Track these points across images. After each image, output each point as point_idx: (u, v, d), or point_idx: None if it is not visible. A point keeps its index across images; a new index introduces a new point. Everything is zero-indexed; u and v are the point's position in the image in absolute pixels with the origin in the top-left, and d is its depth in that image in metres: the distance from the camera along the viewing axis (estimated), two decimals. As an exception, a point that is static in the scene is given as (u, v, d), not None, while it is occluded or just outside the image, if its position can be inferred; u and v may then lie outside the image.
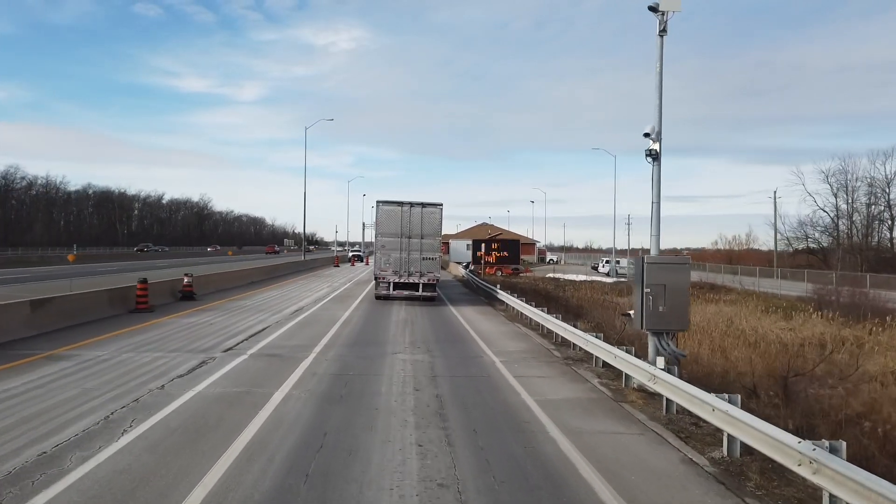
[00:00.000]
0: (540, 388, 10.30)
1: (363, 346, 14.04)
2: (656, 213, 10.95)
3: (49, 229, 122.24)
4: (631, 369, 9.95)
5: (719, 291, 43.21)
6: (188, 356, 12.20)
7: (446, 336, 16.14)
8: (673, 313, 10.39)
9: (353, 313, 20.59)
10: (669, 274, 10.44)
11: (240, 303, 23.13)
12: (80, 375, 10.32)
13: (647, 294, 10.33)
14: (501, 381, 10.77)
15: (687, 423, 8.46)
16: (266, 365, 11.59)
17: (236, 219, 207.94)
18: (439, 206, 24.30)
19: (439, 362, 12.30)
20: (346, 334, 15.80)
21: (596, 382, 10.90)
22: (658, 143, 10.79)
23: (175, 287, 23.57)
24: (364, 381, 10.37)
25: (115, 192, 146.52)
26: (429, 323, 18.70)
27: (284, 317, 19.05)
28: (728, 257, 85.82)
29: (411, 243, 24.06)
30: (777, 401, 10.81)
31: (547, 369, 11.99)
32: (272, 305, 22.49)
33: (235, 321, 17.73)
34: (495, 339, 15.71)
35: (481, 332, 17.08)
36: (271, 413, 8.31)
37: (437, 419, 8.23)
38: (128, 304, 19.31)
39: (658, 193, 10.95)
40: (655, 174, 10.93)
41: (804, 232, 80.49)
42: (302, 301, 24.44)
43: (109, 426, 7.56)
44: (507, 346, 14.67)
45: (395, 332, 16.56)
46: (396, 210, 24.05)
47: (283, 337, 15.06)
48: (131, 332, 15.25)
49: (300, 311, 20.92)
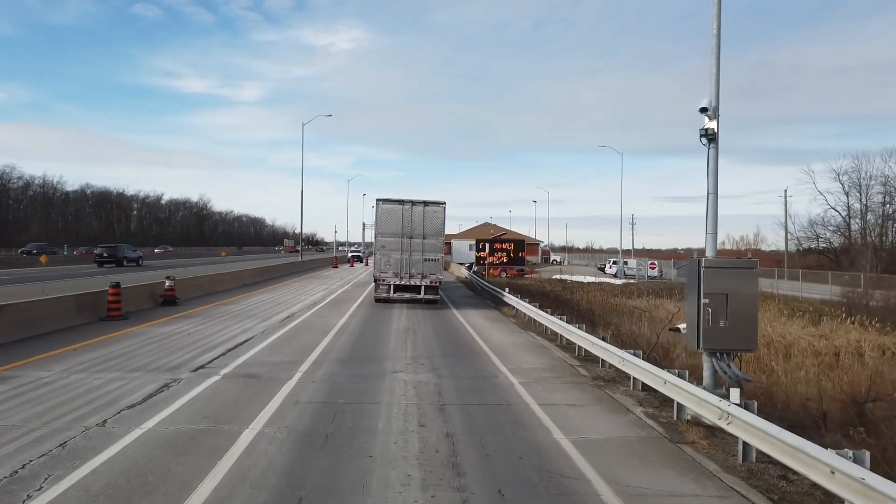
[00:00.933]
0: (574, 421, 8.35)
1: (358, 363, 12.09)
2: (712, 205, 9.00)
3: (45, 229, 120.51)
4: (690, 401, 7.99)
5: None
6: (150, 377, 10.27)
7: (453, 348, 14.21)
8: (737, 329, 8.45)
9: (350, 320, 18.65)
10: (732, 280, 8.50)
11: (226, 308, 21.19)
12: (7, 406, 8.39)
13: (706, 306, 8.39)
14: (525, 411, 8.83)
15: (773, 475, 6.53)
16: (240, 389, 9.65)
17: (236, 219, 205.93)
18: (442, 205, 22.99)
19: (447, 384, 10.35)
20: (340, 347, 13.86)
21: (639, 412, 8.96)
22: (716, 120, 8.85)
23: (156, 291, 21.66)
24: (357, 413, 8.43)
25: (113, 193, 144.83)
26: (433, 332, 16.76)
27: (273, 325, 17.12)
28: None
29: (413, 244, 22.76)
30: (858, 433, 8.88)
31: (576, 393, 10.04)
32: (261, 311, 20.56)
33: (217, 330, 15.80)
34: (509, 353, 13.77)
35: (492, 343, 15.14)
36: (234, 464, 6.37)
37: (449, 473, 6.28)
38: (99, 311, 17.39)
39: (715, 183, 9.00)
40: (712, 159, 8.98)
41: (815, 232, 78.58)
42: (295, 306, 22.50)
43: (8, 490, 5.63)
44: (524, 362, 12.72)
45: (395, 343, 14.63)
46: (397, 209, 22.74)
47: (267, 350, 13.12)
48: (93, 344, 13.31)
49: (291, 317, 18.98)
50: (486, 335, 16.49)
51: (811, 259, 75.62)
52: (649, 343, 15.35)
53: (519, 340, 15.85)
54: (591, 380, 11.13)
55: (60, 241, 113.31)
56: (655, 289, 44.46)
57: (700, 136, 8.91)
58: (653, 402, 9.51)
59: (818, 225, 77.31)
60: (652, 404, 9.39)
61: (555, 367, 12.38)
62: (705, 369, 8.88)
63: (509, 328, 18.43)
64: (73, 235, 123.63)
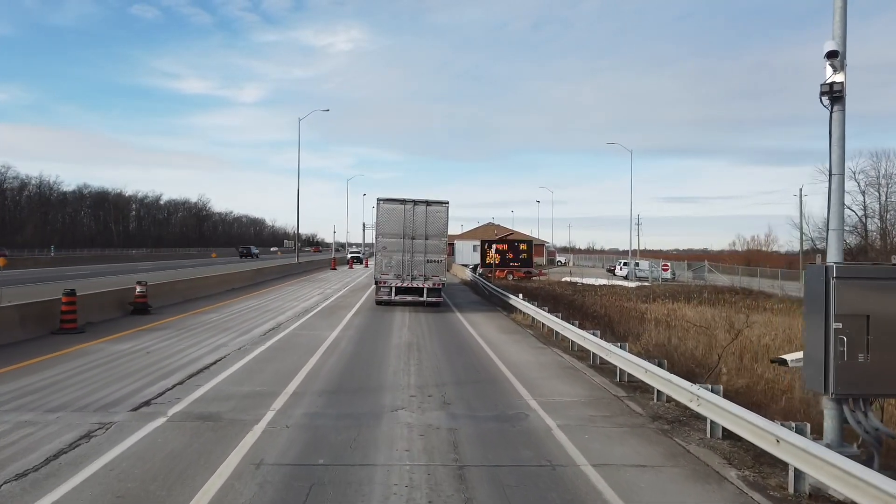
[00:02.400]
0: (651, 499, 5.84)
1: (349, 396, 9.58)
2: (837, 190, 6.47)
3: (41, 230, 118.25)
4: (821, 471, 5.45)
5: (757, 298, 38.66)
6: (72, 421, 7.76)
7: (467, 372, 11.69)
8: (883, 366, 5.94)
9: (344, 333, 16.14)
10: (876, 296, 5.98)
11: (204, 317, 18.68)
12: None
13: (838, 332, 5.88)
14: (578, 479, 6.30)
15: None
16: (187, 440, 7.14)
17: (236, 220, 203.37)
18: (445, 205, 22.07)
19: (465, 431, 7.82)
20: (329, 371, 11.35)
21: (734, 478, 6.43)
22: (842, 71, 6.33)
23: (126, 298, 19.15)
24: (341, 487, 5.91)
25: (110, 193, 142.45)
26: (440, 348, 14.25)
27: (252, 339, 14.62)
28: (746, 259, 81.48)
29: (415, 244, 21.85)
30: None
31: (639, 445, 7.50)
32: (243, 321, 18.06)
33: (183, 347, 13.30)
34: (536, 378, 11.26)
35: (512, 363, 12.63)
36: None
37: None
38: (51, 323, 14.90)
39: (840, 160, 6.48)
40: (836, 126, 6.46)
41: (829, 232, 76.02)
42: (283, 314, 19.99)
43: None
44: (556, 392, 10.21)
45: (395, 364, 12.12)
46: (399, 209, 21.86)
47: (236, 377, 10.61)
48: (22, 369, 10.80)
49: (276, 329, 16.48)
50: (504, 352, 13.98)
51: (827, 260, 73.17)
52: (700, 363, 12.85)
53: (543, 359, 13.33)
54: (650, 420, 8.61)
55: (56, 242, 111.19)
56: (671, 291, 41.92)
57: (820, 96, 6.41)
58: (745, 458, 6.99)
59: (834, 224, 74.77)
60: (746, 463, 6.87)
61: (597, 399, 9.85)
62: (828, 419, 6.38)
63: (528, 342, 15.91)
64: (70, 236, 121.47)
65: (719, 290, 42.94)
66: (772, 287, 42.74)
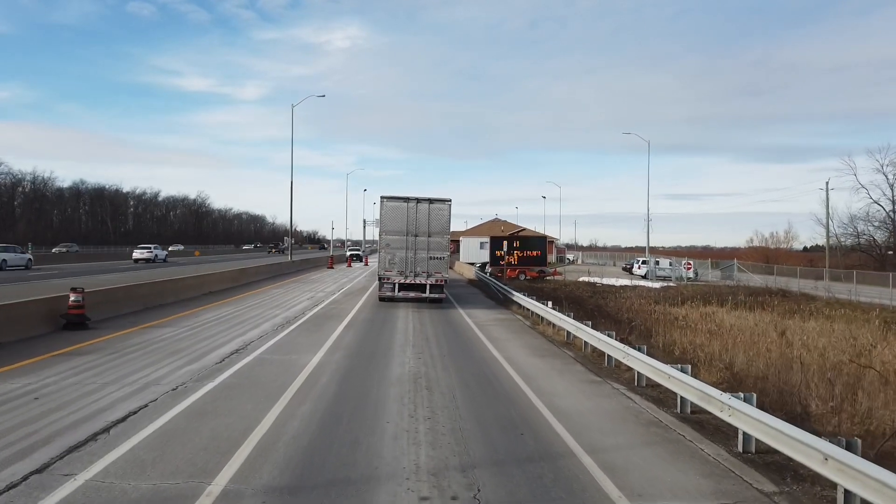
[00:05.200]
0: None
1: (318, 499, 5.63)
2: None
3: (34, 227, 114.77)
4: None
5: (797, 300, 34.58)
6: None
7: (505, 437, 7.70)
8: None
9: (328, 358, 12.22)
10: None
11: (154, 333, 14.74)
12: None
13: None
14: None
15: None
16: None
17: (236, 216, 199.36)
18: (448, 203, 22.44)
19: None
20: (293, 437, 7.37)
21: None
22: None
23: (60, 308, 15.25)
24: None
25: (107, 190, 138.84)
26: (458, 386, 10.28)
27: (201, 371, 10.69)
28: (765, 256, 77.50)
29: (418, 242, 22.21)
30: None
31: None
32: (203, 339, 14.14)
33: (97, 387, 9.36)
34: (612, 447, 7.28)
35: (568, 414, 8.66)
36: None
37: None
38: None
39: None
40: None
41: (855, 228, 72.03)
42: (256, 328, 16.07)
43: None
44: (661, 481, 6.25)
45: (396, 422, 8.14)
46: (402, 206, 22.18)
47: (143, 451, 6.65)
48: None
49: (240, 352, 12.57)
50: (547, 391, 10.03)
51: (853, 258, 69.09)
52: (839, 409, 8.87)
53: (607, 406, 9.34)
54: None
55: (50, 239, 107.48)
56: (700, 293, 37.79)
57: None
58: None
59: (860, 220, 70.71)
60: None
61: (733, 495, 5.89)
62: None
63: (573, 371, 11.97)
64: (64, 233, 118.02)
65: (753, 292, 38.94)
66: (815, 289, 38.59)
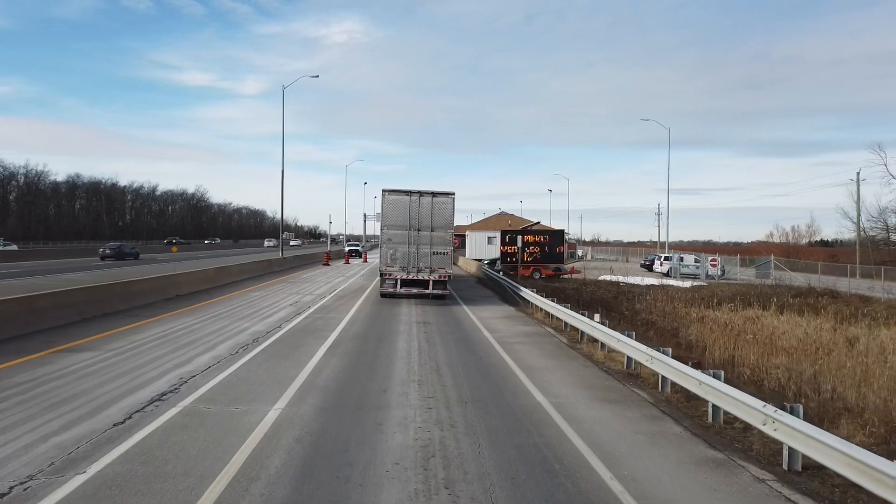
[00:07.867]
0: None
1: None
2: None
3: (25, 221, 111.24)
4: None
5: (848, 301, 30.57)
6: None
7: None
8: None
9: (293, 413, 8.25)
10: None
11: (56, 364, 10.71)
12: None
13: None
14: None
15: None
16: None
17: (236, 211, 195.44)
18: (451, 196, 21.76)
19: None
20: None
21: None
22: None
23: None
24: None
25: (104, 184, 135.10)
26: (495, 471, 6.32)
27: (99, 436, 6.75)
28: (785, 251, 73.42)
29: (420, 236, 21.50)
30: None
31: None
32: (119, 375, 10.12)
33: None
34: None
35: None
36: None
37: None
38: None
39: None
40: None
41: (885, 222, 67.69)
42: (208, 352, 12.07)
43: None
44: None
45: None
46: (404, 200, 21.51)
47: None
48: None
49: (163, 399, 8.60)
50: (651, 490, 6.07)
51: (883, 253, 64.91)
52: None
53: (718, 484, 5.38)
54: None
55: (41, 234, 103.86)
56: (737, 293, 33.72)
57: None
58: None
59: (891, 213, 66.31)
60: None
61: None
62: None
63: (668, 435, 8.00)
64: (56, 228, 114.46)
65: (797, 292, 34.87)
66: (871, 289, 34.51)
